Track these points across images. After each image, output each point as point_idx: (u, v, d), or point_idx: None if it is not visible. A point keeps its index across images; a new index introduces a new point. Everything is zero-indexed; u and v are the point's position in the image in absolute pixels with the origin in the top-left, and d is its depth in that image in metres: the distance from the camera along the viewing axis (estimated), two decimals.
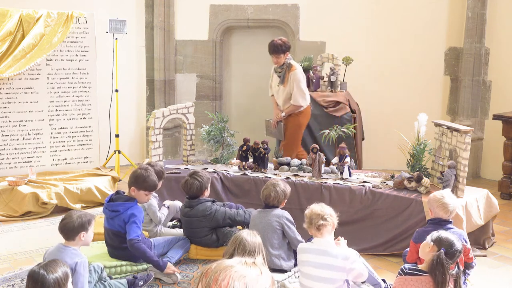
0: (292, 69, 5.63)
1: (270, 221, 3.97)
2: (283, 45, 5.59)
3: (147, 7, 7.47)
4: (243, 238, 2.86)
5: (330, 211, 3.37)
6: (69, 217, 3.40)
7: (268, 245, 3.88)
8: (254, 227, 3.97)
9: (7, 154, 5.88)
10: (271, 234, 3.94)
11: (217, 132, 5.41)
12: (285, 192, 4.08)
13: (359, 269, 3.24)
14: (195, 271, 4.11)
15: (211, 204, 4.28)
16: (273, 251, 3.90)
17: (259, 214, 4.07)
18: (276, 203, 4.06)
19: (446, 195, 3.72)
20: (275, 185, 4.07)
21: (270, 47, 5.64)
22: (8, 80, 5.77)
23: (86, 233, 3.41)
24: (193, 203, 4.29)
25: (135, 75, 7.55)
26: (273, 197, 4.03)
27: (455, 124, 4.67)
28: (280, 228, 3.96)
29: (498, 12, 6.86)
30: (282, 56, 5.61)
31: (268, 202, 4.08)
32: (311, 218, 3.34)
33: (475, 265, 3.78)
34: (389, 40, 7.28)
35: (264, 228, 3.93)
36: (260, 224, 3.97)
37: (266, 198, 4.08)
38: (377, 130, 7.17)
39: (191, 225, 4.29)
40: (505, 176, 6.23)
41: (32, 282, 2.64)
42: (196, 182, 4.27)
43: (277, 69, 5.77)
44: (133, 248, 3.83)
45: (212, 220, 4.23)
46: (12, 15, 5.76)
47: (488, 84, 7.05)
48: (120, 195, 4.07)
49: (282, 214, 4.02)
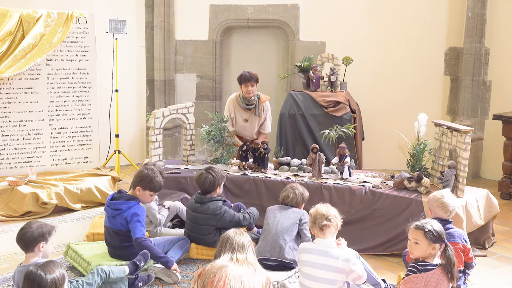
0: (264, 99, 5.75)
1: (289, 214, 4.09)
2: (256, 75, 5.66)
3: (147, 7, 7.47)
4: (230, 236, 2.94)
5: (335, 213, 3.37)
6: (28, 226, 3.23)
7: (286, 235, 3.97)
8: (273, 218, 4.08)
9: (7, 154, 5.88)
10: (291, 226, 4.02)
11: (217, 132, 5.41)
12: (303, 195, 4.21)
13: (358, 271, 3.25)
14: (195, 271, 4.11)
15: (221, 204, 4.32)
16: (289, 242, 3.96)
17: (280, 207, 4.19)
18: (294, 205, 4.18)
19: (446, 194, 3.73)
20: (294, 188, 4.22)
21: (245, 77, 5.60)
22: (8, 80, 5.77)
23: (45, 244, 3.24)
24: (205, 200, 4.33)
25: (135, 75, 7.55)
26: (291, 198, 4.16)
27: (455, 124, 4.67)
28: (298, 222, 4.05)
29: (498, 12, 6.86)
30: (255, 86, 5.66)
31: (286, 203, 4.18)
32: (315, 217, 3.33)
33: (475, 265, 3.77)
34: (389, 40, 7.28)
35: (285, 219, 4.03)
36: (281, 215, 4.07)
37: (284, 199, 4.20)
38: (377, 130, 7.17)
39: (197, 221, 4.31)
40: (505, 176, 6.23)
41: (29, 282, 2.62)
42: (210, 177, 4.34)
43: (245, 101, 5.71)
44: (141, 246, 3.84)
45: (220, 220, 4.27)
46: (12, 15, 5.76)
47: (488, 84, 7.05)
48: (122, 194, 4.08)
49: (304, 213, 4.11)
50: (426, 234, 3.12)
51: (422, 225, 3.16)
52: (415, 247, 3.18)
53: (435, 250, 3.14)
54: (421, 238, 3.14)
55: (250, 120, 5.78)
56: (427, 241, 3.12)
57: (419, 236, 3.15)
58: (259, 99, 5.72)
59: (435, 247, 3.13)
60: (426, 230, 3.12)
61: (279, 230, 3.99)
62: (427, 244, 3.13)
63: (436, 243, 3.13)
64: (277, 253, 3.91)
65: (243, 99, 5.71)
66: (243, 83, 5.63)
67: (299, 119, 6.15)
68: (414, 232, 3.18)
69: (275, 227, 4.01)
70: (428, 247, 3.13)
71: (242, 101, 5.72)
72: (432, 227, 3.13)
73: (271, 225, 4.04)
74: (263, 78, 7.71)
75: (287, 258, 3.91)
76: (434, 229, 3.13)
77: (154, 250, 3.87)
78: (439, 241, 3.13)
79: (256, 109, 5.70)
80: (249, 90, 5.60)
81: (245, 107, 5.72)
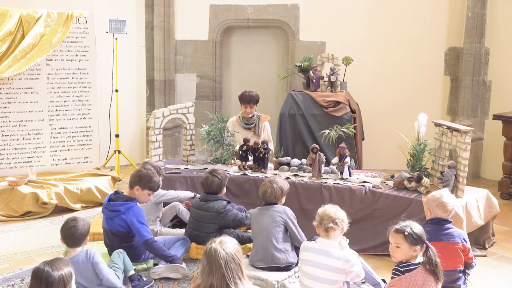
0: (264, 118, 5.82)
1: (273, 215, 3.98)
2: (256, 96, 5.75)
3: (147, 7, 7.47)
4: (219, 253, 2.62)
5: (343, 216, 3.35)
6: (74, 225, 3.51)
7: (273, 239, 3.90)
8: (257, 224, 4.00)
9: (7, 154, 5.88)
10: (275, 228, 3.94)
11: (217, 132, 5.41)
12: (282, 188, 4.08)
13: (357, 270, 3.26)
14: (195, 271, 4.11)
15: (226, 204, 4.37)
16: (278, 245, 3.90)
17: (260, 211, 4.08)
18: (274, 199, 4.07)
19: (445, 194, 3.72)
20: (272, 182, 4.10)
21: (245, 98, 5.71)
22: (8, 80, 5.77)
23: (87, 237, 3.60)
24: (210, 198, 4.38)
25: (135, 75, 7.55)
26: (269, 193, 4.04)
27: (455, 124, 4.67)
28: (283, 223, 3.97)
29: (498, 12, 6.86)
30: (255, 107, 5.78)
31: (265, 199, 4.09)
32: (322, 218, 3.32)
33: (475, 265, 3.78)
34: (389, 40, 7.28)
35: (267, 223, 3.95)
36: (263, 220, 3.98)
37: (263, 195, 4.10)
38: (377, 130, 7.17)
39: (201, 219, 4.34)
40: (505, 176, 6.23)
41: (36, 279, 2.61)
42: (216, 180, 4.39)
43: (244, 121, 5.80)
44: (151, 247, 3.91)
45: (223, 219, 4.30)
46: (12, 15, 5.76)
47: (488, 84, 7.05)
48: (120, 195, 4.07)
49: (284, 210, 4.03)
50: (406, 237, 3.11)
51: (402, 229, 3.14)
52: (397, 250, 3.18)
53: (416, 252, 3.14)
54: (402, 241, 3.13)
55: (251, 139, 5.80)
56: (407, 244, 3.11)
57: (400, 239, 3.14)
58: (258, 119, 5.82)
59: (416, 249, 3.13)
60: (406, 233, 3.11)
61: (265, 236, 3.92)
62: (408, 247, 3.12)
63: (417, 245, 3.12)
64: (269, 260, 3.87)
65: (243, 118, 5.82)
66: (243, 103, 5.76)
67: (299, 119, 6.15)
68: (394, 236, 3.17)
69: (261, 234, 3.94)
70: (409, 250, 3.13)
71: (242, 121, 5.82)
72: (412, 230, 3.11)
73: (258, 233, 3.99)
74: (263, 78, 7.75)
75: (281, 263, 3.87)
76: (413, 231, 3.11)
77: (164, 251, 3.96)
78: (419, 243, 3.12)
79: (256, 128, 5.79)
80: (247, 111, 5.76)
81: (244, 127, 5.81)
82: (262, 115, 5.87)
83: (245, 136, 5.41)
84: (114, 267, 3.75)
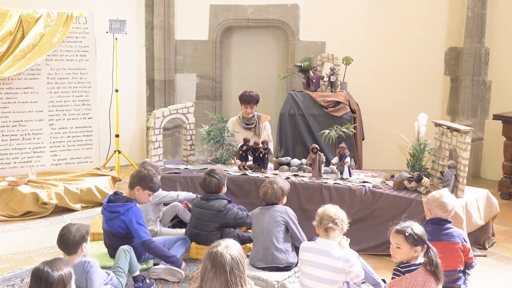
0: (264, 118, 5.82)
1: (274, 215, 3.99)
2: (257, 96, 5.75)
3: (147, 7, 7.47)
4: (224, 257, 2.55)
5: (343, 217, 3.35)
6: (68, 231, 3.38)
7: (274, 239, 3.90)
8: (258, 224, 4.01)
9: (7, 154, 5.88)
10: (276, 228, 3.95)
11: (217, 132, 5.41)
12: (282, 189, 4.10)
13: (357, 270, 3.26)
14: (195, 271, 4.11)
15: (227, 203, 4.38)
16: (278, 245, 3.90)
17: (261, 211, 4.09)
18: (274, 200, 4.08)
19: (444, 194, 3.72)
20: (272, 182, 4.11)
21: (245, 98, 5.71)
22: (8, 80, 5.77)
23: (86, 244, 3.44)
24: (211, 197, 4.39)
25: (135, 75, 7.55)
26: (270, 194, 4.06)
27: (455, 124, 4.67)
28: (284, 223, 3.98)
29: (498, 12, 6.85)
30: (255, 107, 5.78)
31: (266, 200, 4.10)
32: (322, 218, 3.32)
33: (475, 265, 3.77)
34: (389, 40, 7.28)
35: (268, 223, 3.95)
36: (264, 220, 3.99)
37: (264, 196, 4.11)
38: (377, 130, 7.17)
39: (202, 217, 4.35)
40: (505, 176, 6.23)
41: (36, 279, 2.61)
42: (214, 180, 4.39)
43: (244, 121, 5.80)
44: (149, 248, 3.88)
45: (224, 217, 4.30)
46: (12, 15, 5.76)
47: (488, 84, 7.05)
48: (119, 196, 4.06)
49: (285, 210, 4.04)
50: (407, 238, 3.11)
51: (403, 229, 3.14)
52: (397, 251, 3.18)
53: (417, 253, 3.14)
54: (402, 242, 3.13)
55: (251, 139, 5.80)
56: (408, 245, 3.12)
57: (400, 240, 3.14)
58: (259, 119, 5.82)
59: (416, 250, 3.13)
60: (407, 234, 3.11)
61: (265, 236, 3.93)
62: (408, 248, 3.13)
63: (418, 246, 3.12)
64: (270, 260, 3.87)
65: (243, 118, 5.82)
66: (243, 103, 5.75)
67: (299, 119, 6.15)
68: (395, 237, 3.17)
69: (262, 234, 3.95)
70: (410, 251, 3.13)
71: (242, 121, 5.82)
72: (413, 231, 3.11)
73: (258, 233, 3.99)
74: (263, 78, 7.75)
75: (281, 263, 3.88)
76: (414, 232, 3.11)
77: (163, 251, 3.94)
78: (420, 243, 3.12)
79: (256, 128, 5.79)
80: (248, 111, 5.75)
81: (245, 127, 5.80)
82: (262, 115, 5.87)
83: (245, 136, 5.41)
84: (118, 271, 3.69)
